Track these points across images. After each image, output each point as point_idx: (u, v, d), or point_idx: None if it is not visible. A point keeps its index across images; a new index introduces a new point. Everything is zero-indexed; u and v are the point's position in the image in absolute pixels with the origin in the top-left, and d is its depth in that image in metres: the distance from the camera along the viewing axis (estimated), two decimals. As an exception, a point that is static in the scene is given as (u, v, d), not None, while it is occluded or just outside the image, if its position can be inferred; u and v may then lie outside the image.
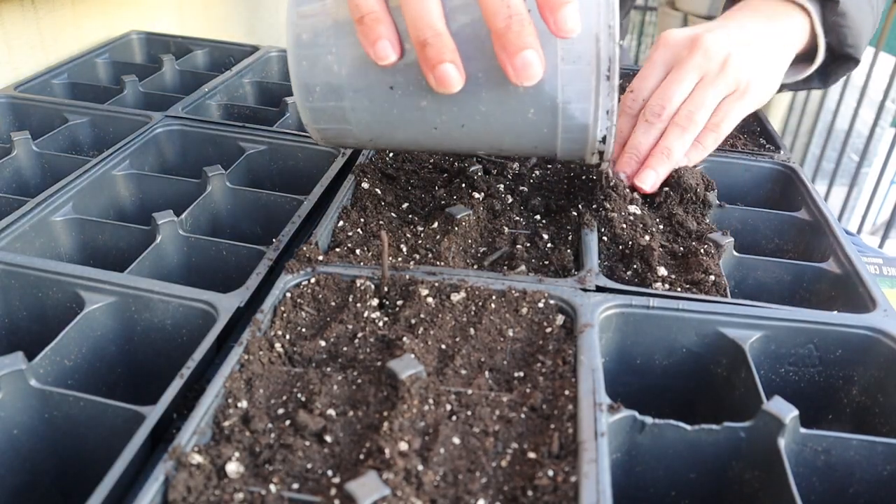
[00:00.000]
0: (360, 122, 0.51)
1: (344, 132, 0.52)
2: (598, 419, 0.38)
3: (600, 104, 0.48)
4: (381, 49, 0.45)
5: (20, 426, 0.42)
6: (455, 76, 0.44)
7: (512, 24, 0.43)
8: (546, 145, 0.51)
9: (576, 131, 0.49)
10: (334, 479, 0.36)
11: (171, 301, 0.47)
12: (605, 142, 0.50)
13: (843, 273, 0.54)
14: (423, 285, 0.48)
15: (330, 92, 0.50)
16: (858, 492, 0.42)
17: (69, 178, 0.61)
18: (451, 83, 0.45)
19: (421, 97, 0.49)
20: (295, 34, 0.49)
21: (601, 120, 0.48)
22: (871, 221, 2.33)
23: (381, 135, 0.52)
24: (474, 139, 0.51)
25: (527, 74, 0.44)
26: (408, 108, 0.49)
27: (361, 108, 0.50)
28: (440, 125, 0.50)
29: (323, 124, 0.52)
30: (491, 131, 0.50)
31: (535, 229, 0.58)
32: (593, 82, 0.47)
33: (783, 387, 0.49)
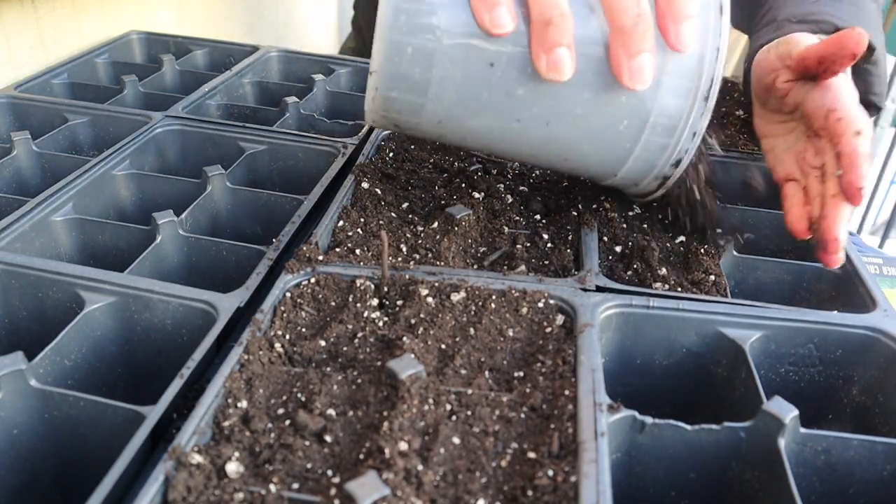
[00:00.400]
0: (441, 98, 0.47)
1: (414, 107, 0.48)
2: (598, 419, 0.38)
3: (689, 123, 0.47)
4: (498, 16, 0.42)
5: (20, 426, 0.42)
6: (569, 64, 0.42)
7: (639, 24, 0.42)
8: (615, 162, 0.49)
9: (656, 150, 0.48)
10: (334, 479, 0.36)
11: (171, 301, 0.47)
12: (677, 165, 0.48)
13: (843, 273, 0.54)
14: (423, 285, 0.48)
15: (422, 56, 0.45)
16: (858, 492, 0.42)
17: (69, 178, 0.61)
18: (563, 70, 0.42)
19: (519, 81, 0.45)
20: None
21: (684, 140, 0.47)
22: (871, 221, 2.33)
23: (454, 119, 0.48)
24: (549, 143, 0.49)
25: (641, 78, 0.43)
26: (501, 91, 0.46)
27: (451, 81, 0.46)
28: (525, 118, 0.47)
29: (394, 92, 0.47)
30: (573, 135, 0.48)
31: (535, 229, 0.58)
32: (690, 101, 0.46)
33: (783, 387, 0.49)
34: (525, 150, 0.50)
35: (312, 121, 0.79)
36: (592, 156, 0.50)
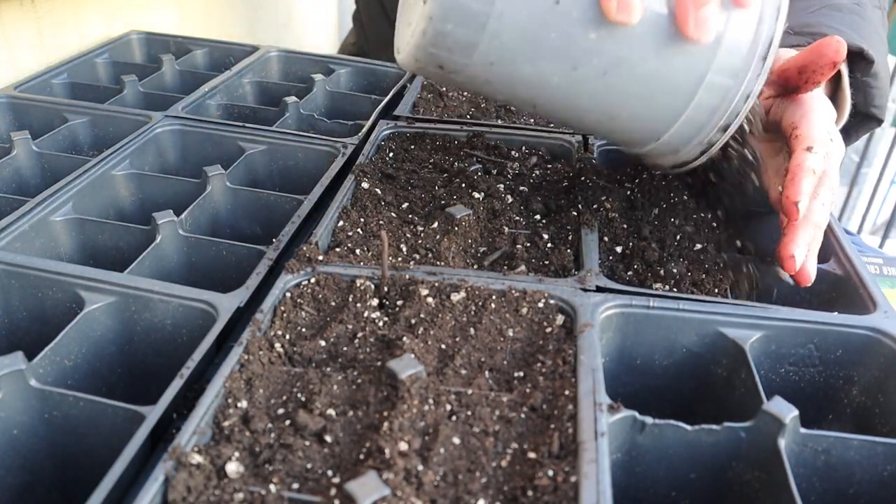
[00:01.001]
0: (500, 35, 0.44)
1: (467, 44, 0.45)
2: (598, 419, 0.38)
3: (744, 85, 0.46)
4: None
5: (20, 426, 0.42)
6: (638, 7, 0.42)
7: None
8: (664, 121, 0.48)
9: (706, 110, 0.47)
10: (334, 479, 0.36)
11: (171, 301, 0.47)
12: (725, 130, 0.47)
13: (843, 274, 0.54)
14: (423, 285, 0.48)
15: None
16: (859, 492, 0.42)
17: (69, 178, 0.61)
18: (632, 12, 0.42)
19: (583, 23, 0.44)
20: None
21: (737, 102, 0.46)
22: (871, 221, 2.33)
23: (508, 61, 0.46)
24: (600, 96, 0.47)
25: (705, 28, 0.42)
26: (561, 31, 0.44)
27: (512, 17, 0.44)
28: (583, 65, 0.46)
29: (451, 25, 0.44)
30: (628, 88, 0.47)
31: (535, 229, 0.58)
32: (748, 60, 0.45)
33: (783, 387, 0.49)
34: (575, 103, 0.48)
35: (312, 121, 0.79)
36: (642, 114, 0.48)
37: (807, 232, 0.50)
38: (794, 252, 0.50)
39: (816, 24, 0.64)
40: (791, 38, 0.65)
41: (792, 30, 0.66)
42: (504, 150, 0.69)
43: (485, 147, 0.69)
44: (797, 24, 0.66)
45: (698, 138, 0.48)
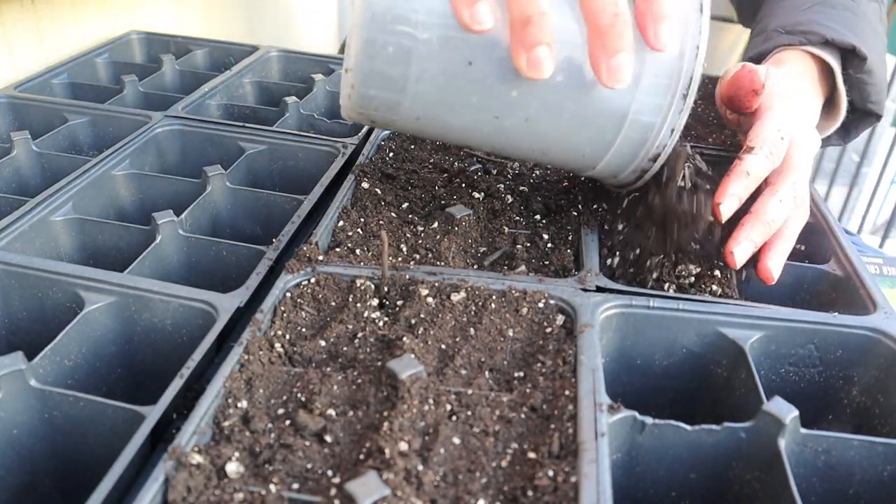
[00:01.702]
0: (419, 95, 0.46)
1: (391, 105, 0.47)
2: (598, 419, 0.38)
3: (668, 120, 0.47)
4: (479, 12, 0.41)
5: (20, 426, 0.42)
6: (548, 62, 0.42)
7: (616, 23, 0.41)
8: (596, 155, 0.49)
9: (633, 145, 0.48)
10: (334, 479, 0.36)
11: (171, 301, 0.47)
12: (656, 160, 0.49)
13: (844, 275, 0.54)
14: (423, 285, 0.48)
15: (399, 53, 0.45)
16: (859, 492, 0.42)
17: (69, 178, 0.61)
18: (543, 68, 0.42)
19: (496, 78, 0.45)
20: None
21: (662, 136, 0.47)
22: (871, 221, 2.33)
23: (431, 116, 0.48)
24: (529, 137, 0.49)
25: (619, 77, 0.42)
26: (477, 88, 0.46)
27: (429, 79, 0.45)
28: (503, 115, 0.47)
29: (374, 89, 0.47)
30: (551, 131, 0.48)
31: (535, 229, 0.58)
32: (669, 98, 0.46)
33: (783, 387, 0.49)
34: (504, 144, 0.50)
35: (312, 121, 0.79)
36: (571, 151, 0.50)
37: (753, 229, 0.51)
38: (734, 248, 0.50)
39: (807, 23, 0.64)
40: (782, 36, 0.65)
41: (783, 28, 0.65)
42: (504, 151, 0.69)
43: (485, 147, 0.69)
44: (789, 23, 0.65)
45: (632, 167, 0.50)
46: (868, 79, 0.63)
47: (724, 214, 0.50)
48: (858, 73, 0.63)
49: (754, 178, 0.51)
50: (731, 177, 0.50)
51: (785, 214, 0.52)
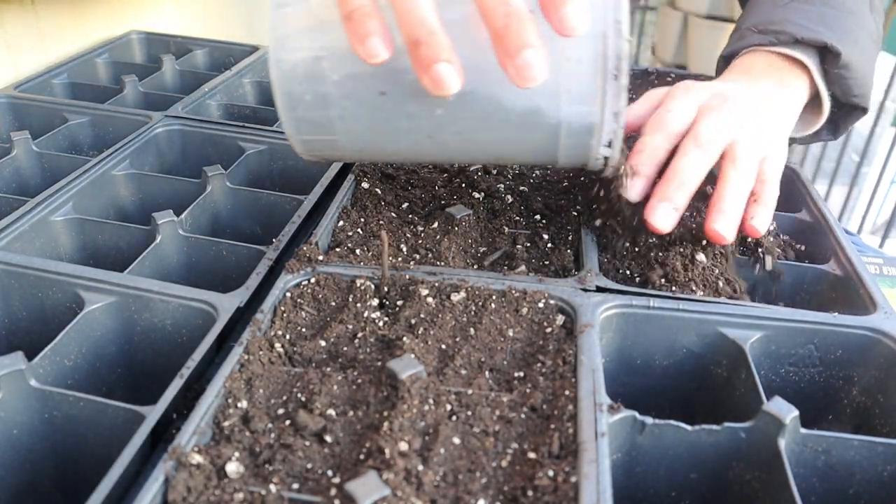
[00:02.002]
0: (349, 131, 0.48)
1: (330, 144, 0.49)
2: (598, 419, 0.38)
3: (607, 105, 0.45)
4: (371, 46, 0.41)
5: (20, 426, 0.42)
6: (452, 77, 0.41)
7: (510, 22, 0.40)
8: (548, 151, 0.48)
9: (580, 135, 0.46)
10: (334, 479, 0.36)
11: (171, 301, 0.47)
12: (610, 146, 0.47)
13: (844, 275, 0.54)
14: (424, 285, 0.48)
15: (317, 99, 0.46)
16: (859, 492, 0.42)
17: (69, 178, 0.61)
18: (447, 85, 0.41)
19: (413, 102, 0.45)
20: (278, 36, 0.46)
21: (608, 122, 0.45)
22: (871, 221, 2.33)
23: (371, 146, 0.49)
24: (472, 148, 0.48)
25: (529, 75, 0.40)
26: (399, 115, 0.46)
27: (350, 116, 0.47)
28: (434, 133, 0.47)
29: (308, 135, 0.49)
30: (490, 138, 0.47)
31: (535, 229, 0.58)
32: (600, 83, 0.44)
33: (783, 387, 0.49)
34: (454, 156, 0.50)
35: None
36: (522, 152, 0.49)
37: (666, 188, 0.52)
38: (649, 216, 0.52)
39: (780, 21, 0.63)
40: (754, 36, 0.64)
41: (756, 27, 0.65)
42: (504, 151, 0.69)
43: (485, 147, 0.69)
44: (762, 22, 0.65)
45: (591, 156, 0.48)
46: (847, 73, 0.62)
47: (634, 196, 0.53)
48: (835, 68, 0.62)
49: (651, 152, 0.53)
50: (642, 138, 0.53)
51: (699, 165, 0.52)
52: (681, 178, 0.52)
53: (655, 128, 0.55)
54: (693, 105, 0.56)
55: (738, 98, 0.56)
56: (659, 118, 0.55)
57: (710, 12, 2.68)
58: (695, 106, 0.56)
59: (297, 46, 0.45)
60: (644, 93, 0.73)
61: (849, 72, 0.62)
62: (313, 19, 0.45)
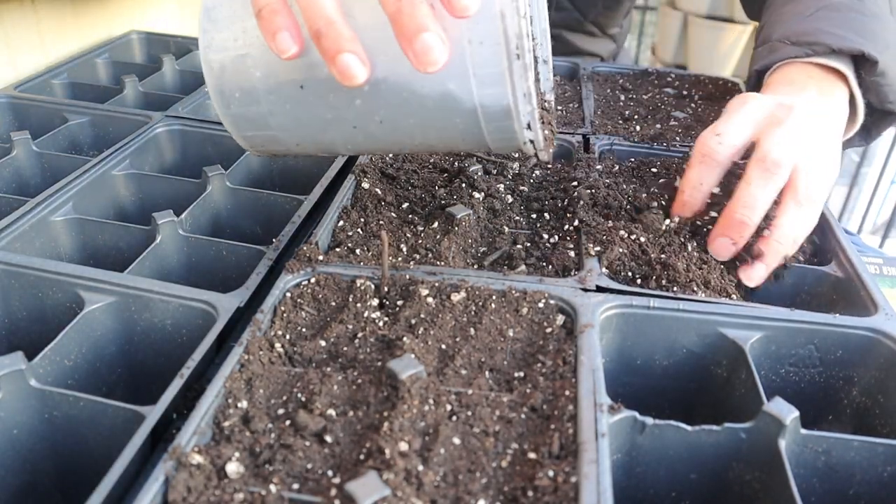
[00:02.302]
0: (282, 126, 0.49)
1: (270, 138, 0.50)
2: (598, 420, 0.38)
3: (517, 87, 0.44)
4: (280, 41, 0.42)
5: (20, 426, 0.42)
6: (356, 66, 0.41)
7: (403, 6, 0.40)
8: (476, 137, 0.48)
9: (499, 119, 0.46)
10: (334, 479, 0.36)
11: (171, 301, 0.47)
12: (530, 128, 0.46)
13: (845, 277, 0.54)
14: (424, 285, 0.48)
15: (246, 96, 0.48)
16: (859, 493, 0.42)
17: (69, 178, 0.61)
18: (353, 74, 0.41)
19: (333, 94, 0.46)
20: (206, 39, 0.47)
21: (521, 104, 0.45)
22: (871, 221, 2.33)
23: (305, 138, 0.50)
24: (399, 135, 0.48)
25: (428, 59, 0.40)
26: (320, 106, 0.47)
27: (279, 111, 0.48)
28: (359, 123, 0.48)
29: (248, 132, 0.50)
30: (413, 125, 0.47)
31: (535, 229, 0.58)
32: (505, 64, 0.43)
33: (783, 387, 0.49)
34: (391, 142, 0.50)
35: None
36: (447, 136, 0.49)
37: (725, 222, 0.53)
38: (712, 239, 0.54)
39: (813, 32, 0.63)
40: (788, 48, 0.64)
41: (788, 39, 0.64)
42: (504, 151, 0.69)
43: (485, 147, 0.69)
44: (793, 33, 0.64)
45: (519, 140, 0.47)
46: (882, 80, 0.62)
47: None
48: (872, 76, 0.61)
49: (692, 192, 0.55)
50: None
51: (766, 195, 0.52)
52: (742, 212, 0.52)
53: (700, 160, 0.55)
54: (750, 123, 0.55)
55: (798, 109, 0.55)
56: (705, 144, 0.55)
57: (710, 12, 2.68)
58: (751, 124, 0.55)
59: (223, 46, 0.47)
60: (646, 93, 0.73)
61: (885, 78, 0.62)
62: (236, 20, 0.46)
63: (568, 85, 0.89)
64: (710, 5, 2.65)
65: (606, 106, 0.82)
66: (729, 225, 0.52)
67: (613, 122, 0.77)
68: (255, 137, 0.51)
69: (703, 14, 2.69)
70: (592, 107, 0.80)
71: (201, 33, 0.48)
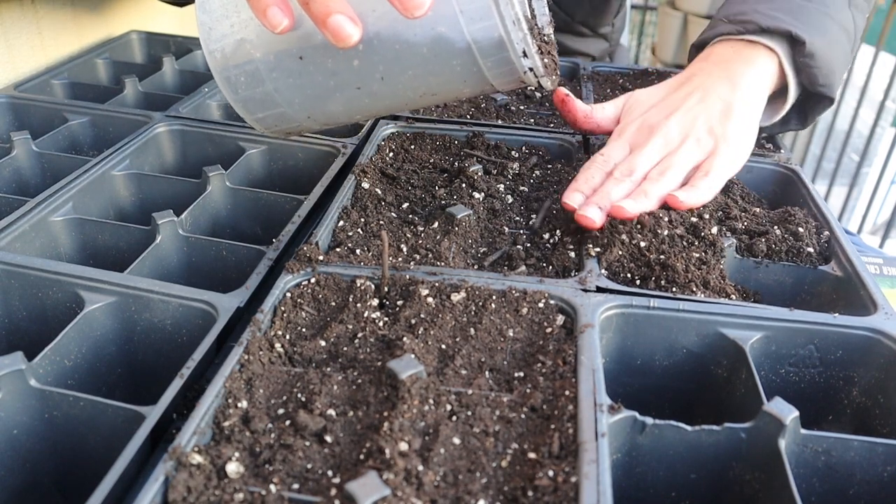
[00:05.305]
0: (289, 101, 0.50)
1: (281, 116, 0.52)
2: (598, 420, 0.38)
3: (505, 16, 0.45)
4: (272, 17, 0.43)
5: (20, 426, 0.42)
6: (348, 26, 0.42)
7: None
8: (477, 77, 0.49)
9: (494, 52, 0.47)
10: (334, 479, 0.36)
11: (171, 301, 0.47)
12: (526, 55, 0.47)
13: (844, 276, 0.54)
14: (424, 285, 0.48)
15: (250, 78, 0.49)
16: (859, 493, 0.42)
17: (69, 178, 0.61)
18: (346, 34, 0.42)
19: (331, 59, 0.47)
20: (204, 31, 0.48)
21: (512, 32, 0.45)
22: (871, 221, 2.33)
23: (315, 109, 0.51)
24: (403, 89, 0.49)
25: (413, 4, 0.41)
26: (323, 74, 0.48)
27: (283, 86, 0.49)
28: (362, 83, 0.49)
29: (259, 113, 0.52)
30: (414, 76, 0.48)
31: (536, 229, 0.58)
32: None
33: (783, 387, 0.49)
34: (396, 98, 0.51)
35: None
36: (449, 81, 0.49)
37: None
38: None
39: (749, 12, 0.66)
40: (724, 25, 0.67)
41: (727, 17, 0.67)
42: (504, 150, 0.69)
43: (485, 147, 0.69)
44: (732, 12, 0.67)
45: (518, 69, 0.48)
46: (812, 62, 0.64)
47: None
48: (800, 56, 0.64)
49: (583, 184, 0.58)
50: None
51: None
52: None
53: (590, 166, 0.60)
54: (625, 144, 0.62)
55: (664, 127, 0.61)
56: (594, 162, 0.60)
57: (710, 12, 2.68)
58: (626, 145, 0.61)
59: (221, 34, 0.48)
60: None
61: (814, 61, 0.64)
62: (228, 6, 0.48)
63: (568, 85, 0.89)
64: (710, 5, 2.66)
65: (606, 106, 0.82)
66: (588, 203, 0.56)
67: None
68: (267, 118, 0.52)
69: (703, 14, 2.69)
70: (592, 107, 0.80)
71: (199, 26, 0.49)
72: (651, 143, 0.60)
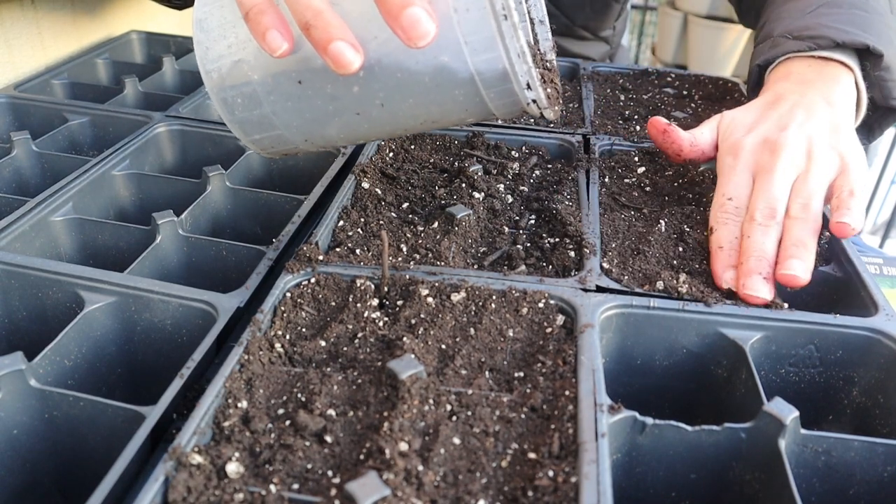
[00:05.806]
0: (287, 124, 0.49)
1: (278, 138, 0.50)
2: (598, 420, 0.38)
3: (510, 48, 0.44)
4: (271, 40, 0.42)
5: (20, 426, 0.42)
6: (350, 53, 0.41)
7: None
8: (479, 106, 0.48)
9: (498, 83, 0.46)
10: (334, 479, 0.36)
11: (171, 301, 0.47)
12: (531, 88, 0.46)
13: (844, 276, 0.54)
14: (424, 285, 0.48)
15: (247, 100, 0.48)
16: (859, 493, 0.42)
17: (69, 178, 0.61)
18: (347, 61, 0.41)
19: (330, 84, 0.46)
20: (201, 50, 0.48)
21: (517, 64, 0.45)
22: (871, 221, 2.33)
23: (312, 133, 0.50)
24: (403, 116, 0.49)
25: (418, 33, 0.40)
26: (322, 98, 0.47)
27: (281, 110, 0.48)
28: (359, 109, 0.48)
29: (255, 134, 0.50)
30: (415, 104, 0.47)
31: (535, 229, 0.58)
32: (494, 26, 0.43)
33: (784, 387, 0.49)
34: (395, 124, 0.50)
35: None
36: (450, 109, 0.48)
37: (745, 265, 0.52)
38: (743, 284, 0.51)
39: (815, 27, 0.63)
40: (790, 42, 0.64)
41: (790, 34, 0.64)
42: (504, 150, 0.69)
43: (485, 147, 0.69)
44: (796, 28, 0.64)
45: (522, 101, 0.47)
46: (887, 75, 0.62)
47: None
48: (876, 70, 0.61)
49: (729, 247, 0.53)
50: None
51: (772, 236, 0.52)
52: (755, 263, 0.50)
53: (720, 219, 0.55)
54: (747, 174, 0.56)
55: (785, 139, 0.56)
56: (720, 206, 0.55)
57: (710, 12, 2.68)
58: (749, 174, 0.56)
59: (218, 55, 0.47)
60: (646, 93, 0.73)
61: (889, 73, 0.62)
62: (227, 27, 0.47)
63: (568, 85, 0.89)
64: (710, 5, 2.66)
65: (606, 106, 0.82)
66: (748, 272, 0.50)
67: (613, 122, 0.77)
68: (264, 139, 0.51)
69: (703, 14, 2.70)
70: (592, 107, 0.80)
71: (196, 45, 0.48)
72: (779, 166, 0.54)
